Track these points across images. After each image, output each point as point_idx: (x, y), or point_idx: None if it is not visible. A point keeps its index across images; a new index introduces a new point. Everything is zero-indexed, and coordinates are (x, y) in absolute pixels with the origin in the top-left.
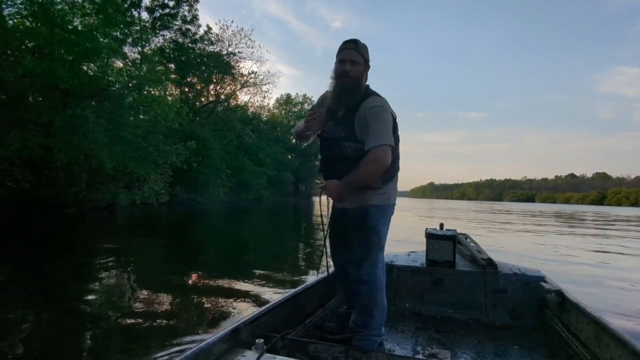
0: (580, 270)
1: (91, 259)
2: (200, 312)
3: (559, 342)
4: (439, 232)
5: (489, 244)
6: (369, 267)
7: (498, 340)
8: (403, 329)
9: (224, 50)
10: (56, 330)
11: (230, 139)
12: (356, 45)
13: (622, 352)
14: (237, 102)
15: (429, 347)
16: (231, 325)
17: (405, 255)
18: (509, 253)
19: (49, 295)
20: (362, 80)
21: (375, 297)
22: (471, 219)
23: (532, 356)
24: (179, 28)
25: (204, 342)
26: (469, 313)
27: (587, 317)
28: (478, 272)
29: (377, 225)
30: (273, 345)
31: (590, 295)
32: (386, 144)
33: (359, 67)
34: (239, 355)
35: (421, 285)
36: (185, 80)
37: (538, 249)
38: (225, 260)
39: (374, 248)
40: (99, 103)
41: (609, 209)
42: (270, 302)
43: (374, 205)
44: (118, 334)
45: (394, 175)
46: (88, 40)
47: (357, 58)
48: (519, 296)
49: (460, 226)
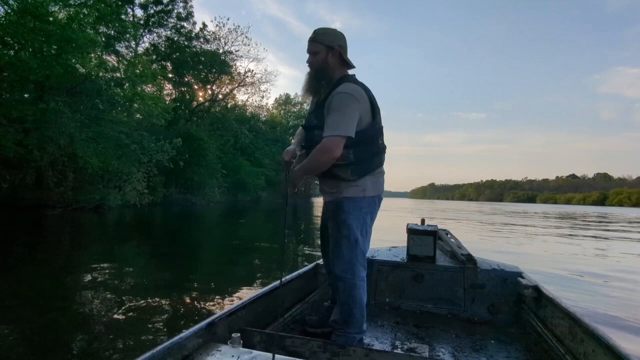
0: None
1: (73, 263)
2: (185, 311)
3: (535, 337)
4: (420, 227)
5: (529, 263)
6: (343, 263)
7: (476, 334)
8: (382, 323)
9: (220, 48)
10: (34, 332)
11: (227, 138)
12: (315, 35)
13: (595, 346)
14: (235, 102)
15: (407, 341)
16: (206, 319)
17: (387, 250)
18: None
19: (28, 300)
20: (328, 67)
21: (352, 294)
22: (485, 223)
23: (508, 350)
24: (174, 25)
25: (177, 336)
26: (447, 308)
27: (562, 312)
28: (458, 268)
29: (348, 219)
30: (250, 339)
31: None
32: (339, 134)
33: (319, 56)
34: (214, 349)
35: (401, 280)
36: (182, 80)
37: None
38: (214, 262)
39: (345, 242)
40: (75, 97)
41: (613, 209)
42: (248, 297)
43: (346, 198)
44: (101, 335)
45: (374, 169)
46: (63, 30)
47: (315, 48)
48: (497, 291)
49: (482, 235)
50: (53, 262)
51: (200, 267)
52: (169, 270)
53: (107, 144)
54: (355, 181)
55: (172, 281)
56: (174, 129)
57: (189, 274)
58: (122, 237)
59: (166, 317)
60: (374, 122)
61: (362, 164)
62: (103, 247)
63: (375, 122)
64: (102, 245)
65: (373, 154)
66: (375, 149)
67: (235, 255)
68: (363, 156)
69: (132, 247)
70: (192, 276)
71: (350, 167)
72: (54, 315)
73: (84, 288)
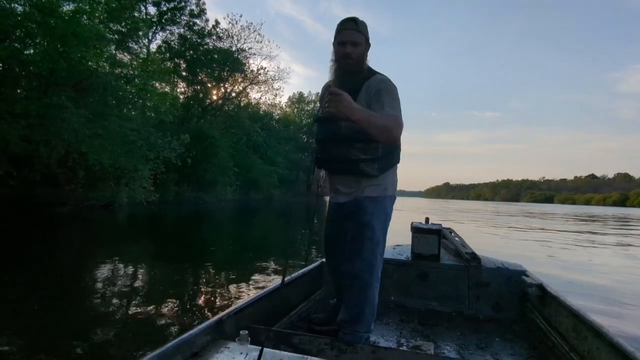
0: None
1: (84, 261)
2: (196, 307)
3: (539, 335)
4: (425, 225)
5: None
6: (362, 263)
7: (480, 332)
8: (388, 321)
9: (233, 46)
10: (45, 327)
11: (239, 136)
12: (356, 24)
13: (599, 344)
14: (248, 99)
15: (412, 339)
16: (215, 317)
17: (391, 249)
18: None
19: (42, 296)
20: (364, 60)
21: (366, 293)
22: (513, 226)
23: (513, 348)
24: (187, 23)
25: (186, 333)
26: (452, 306)
27: (566, 309)
28: (462, 266)
29: (372, 220)
30: (257, 336)
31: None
32: (400, 117)
33: (360, 47)
34: (222, 347)
35: (406, 278)
36: (195, 78)
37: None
38: (223, 260)
39: (367, 243)
40: (81, 92)
41: (634, 210)
42: (255, 294)
43: (369, 197)
44: (114, 329)
45: (394, 164)
46: (69, 24)
47: (358, 38)
48: (502, 289)
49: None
50: (65, 260)
51: (209, 265)
52: (178, 267)
53: (114, 141)
54: (377, 178)
55: (182, 278)
56: (186, 126)
57: (197, 271)
58: (133, 235)
59: (176, 311)
60: None
61: (387, 158)
62: (115, 245)
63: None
64: (114, 242)
65: (397, 147)
66: (398, 144)
67: (242, 253)
68: (389, 150)
69: (142, 244)
70: (201, 273)
71: (378, 162)
72: (67, 311)
73: (97, 284)
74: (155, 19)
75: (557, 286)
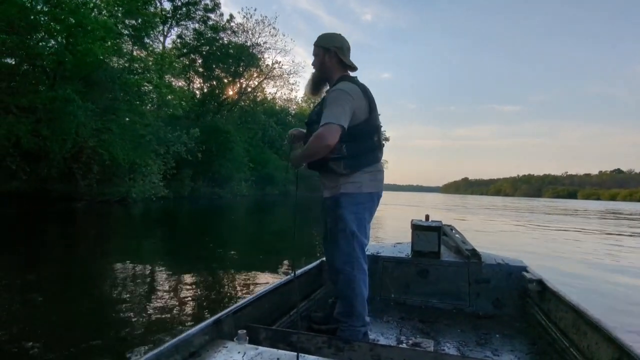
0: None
1: (101, 255)
2: (207, 303)
3: (540, 330)
4: (425, 223)
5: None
6: (342, 256)
7: (481, 329)
8: (388, 319)
9: (248, 41)
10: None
11: (254, 132)
12: (317, 39)
13: (598, 339)
14: (264, 94)
15: (412, 336)
16: (213, 317)
17: (391, 247)
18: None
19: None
20: (326, 68)
21: (352, 286)
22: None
23: (513, 344)
24: (202, 17)
25: (184, 333)
26: (452, 303)
27: (566, 305)
28: (462, 263)
29: (344, 213)
30: (256, 336)
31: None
32: (333, 122)
33: (318, 58)
34: (221, 346)
35: (406, 275)
36: (211, 73)
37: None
38: (234, 256)
39: (342, 235)
40: (89, 86)
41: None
42: (254, 294)
43: (344, 194)
44: (131, 321)
45: (369, 164)
46: (74, 15)
47: (315, 51)
48: (502, 286)
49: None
50: (81, 254)
51: (223, 261)
52: (191, 262)
53: (123, 135)
54: (351, 176)
55: (196, 273)
56: (202, 121)
57: (210, 268)
58: (149, 230)
59: (189, 305)
60: (370, 119)
61: (355, 159)
62: (131, 240)
63: (370, 119)
64: (130, 237)
65: (367, 149)
66: (370, 145)
67: (254, 249)
68: (356, 151)
69: (157, 239)
70: (214, 270)
71: (344, 160)
72: (83, 303)
73: (112, 277)
74: (169, 14)
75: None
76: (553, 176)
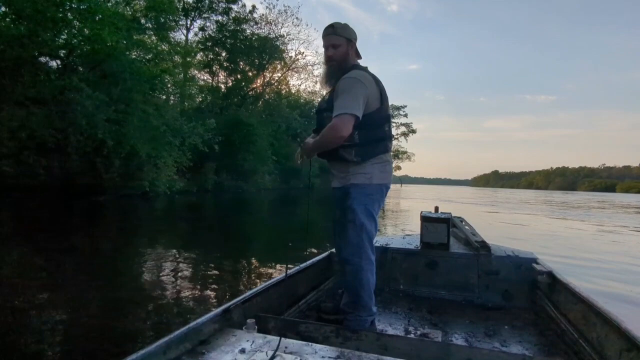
0: None
1: (125, 248)
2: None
3: (549, 322)
4: (434, 214)
5: None
6: (351, 247)
7: (489, 320)
8: (396, 310)
9: (272, 33)
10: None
11: (278, 125)
12: (334, 29)
13: (607, 331)
14: (288, 87)
15: (420, 327)
16: (222, 306)
17: (401, 239)
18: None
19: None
20: (349, 59)
21: (359, 277)
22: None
23: (522, 335)
24: (224, 9)
25: (194, 322)
26: (461, 294)
27: (575, 297)
28: (471, 255)
29: (353, 204)
30: (264, 325)
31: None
32: (347, 112)
33: (341, 48)
34: (230, 335)
35: (415, 267)
36: (235, 67)
37: None
38: (258, 249)
39: (351, 226)
40: (101, 77)
41: None
42: (264, 284)
43: (354, 185)
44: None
45: (379, 153)
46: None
47: (337, 41)
48: (511, 278)
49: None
50: (105, 247)
51: (245, 254)
52: (213, 254)
53: (138, 127)
54: (361, 166)
55: (218, 265)
56: (225, 114)
57: (231, 259)
58: (171, 224)
59: (208, 293)
60: (381, 108)
61: (366, 147)
62: (154, 233)
63: (382, 109)
64: (154, 230)
65: (378, 139)
66: (380, 134)
67: (277, 241)
68: (367, 139)
69: (180, 233)
70: (235, 261)
71: (355, 148)
72: (108, 294)
73: (136, 267)
74: (191, 7)
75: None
76: (589, 168)
